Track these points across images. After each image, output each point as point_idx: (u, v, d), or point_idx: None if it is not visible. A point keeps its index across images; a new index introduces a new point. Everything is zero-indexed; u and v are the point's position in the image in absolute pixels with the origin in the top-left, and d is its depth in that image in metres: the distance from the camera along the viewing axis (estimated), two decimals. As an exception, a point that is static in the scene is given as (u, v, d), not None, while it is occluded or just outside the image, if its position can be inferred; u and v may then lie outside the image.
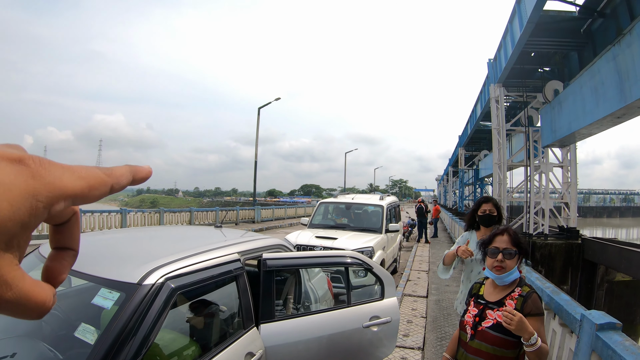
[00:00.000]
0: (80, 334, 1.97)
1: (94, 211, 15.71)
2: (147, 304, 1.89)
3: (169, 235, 3.48)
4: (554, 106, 13.22)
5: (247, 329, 2.48)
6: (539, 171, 15.75)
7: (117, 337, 1.75)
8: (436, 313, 6.51)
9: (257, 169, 27.44)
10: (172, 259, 2.19)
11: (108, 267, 2.20)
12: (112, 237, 3.25)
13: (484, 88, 20.40)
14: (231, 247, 2.65)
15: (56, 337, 2.42)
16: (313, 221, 9.46)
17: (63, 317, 2.58)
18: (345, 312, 2.96)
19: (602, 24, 11.10)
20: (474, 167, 34.99)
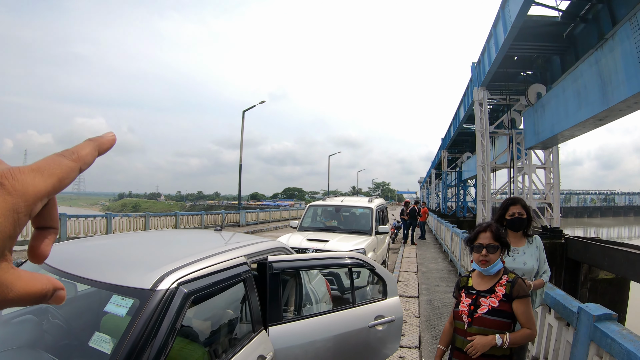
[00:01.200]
0: (95, 343, 1.90)
1: (78, 216, 15.36)
2: (162, 310, 1.86)
3: (171, 239, 3.44)
4: (536, 109, 13.52)
5: (256, 332, 2.46)
6: (522, 172, 16.08)
7: (134, 346, 1.72)
8: (429, 312, 6.57)
9: (241, 172, 27.28)
10: (183, 263, 2.16)
11: (118, 273, 2.15)
12: (113, 242, 3.19)
13: (467, 91, 20.73)
14: (237, 250, 2.63)
15: (62, 346, 2.35)
16: (303, 224, 9.39)
17: (68, 326, 2.52)
18: (351, 312, 2.97)
19: (584, 28, 11.41)
20: (457, 169, 35.46)
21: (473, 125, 21.80)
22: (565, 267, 12.94)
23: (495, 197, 17.70)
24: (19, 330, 2.52)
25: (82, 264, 2.34)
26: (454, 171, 36.14)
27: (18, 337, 2.46)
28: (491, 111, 19.01)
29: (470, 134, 25.88)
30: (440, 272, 10.44)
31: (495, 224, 2.52)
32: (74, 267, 2.26)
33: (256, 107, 27.10)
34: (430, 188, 51.86)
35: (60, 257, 2.46)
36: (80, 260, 2.42)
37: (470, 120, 22.37)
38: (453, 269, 10.79)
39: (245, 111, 27.05)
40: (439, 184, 44.36)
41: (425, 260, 12.31)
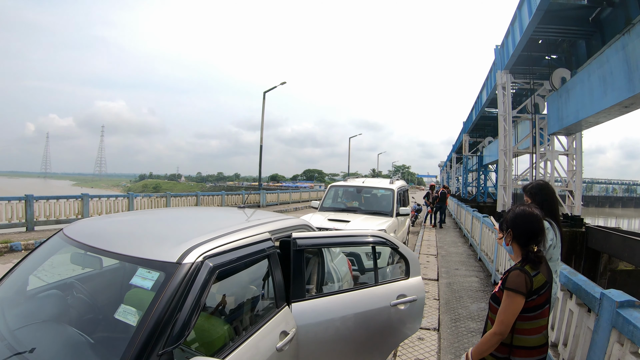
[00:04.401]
0: (121, 315, 1.91)
1: (101, 196, 15.55)
2: (188, 283, 1.87)
3: (196, 215, 3.45)
4: (561, 94, 13.21)
5: (280, 308, 2.47)
6: (544, 159, 15.80)
7: (160, 318, 1.72)
8: (448, 295, 6.65)
9: (262, 154, 27.34)
10: (209, 238, 2.17)
11: (144, 246, 2.16)
12: (137, 218, 3.19)
13: (490, 74, 20.30)
14: (261, 226, 2.64)
15: (86, 320, 2.38)
16: (324, 204, 9.46)
17: (92, 300, 2.57)
18: (373, 291, 2.98)
19: (611, 13, 11.03)
20: (478, 154, 34.92)
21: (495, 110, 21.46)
22: (585, 257, 12.76)
23: (517, 183, 17.48)
24: (44, 305, 2.56)
25: (108, 238, 2.37)
26: (475, 155, 35.61)
27: (43, 312, 2.50)
28: (514, 95, 18.62)
29: (493, 118, 25.44)
30: (460, 255, 10.49)
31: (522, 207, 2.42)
32: (100, 242, 2.30)
33: (277, 88, 27.02)
34: (451, 172, 51.26)
35: (85, 232, 2.53)
36: (106, 235, 2.46)
37: (493, 104, 21.97)
38: (473, 253, 10.83)
39: (266, 92, 26.96)
40: (459, 168, 43.80)
41: (445, 244, 12.35)
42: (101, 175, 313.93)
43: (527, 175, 16.88)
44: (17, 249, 9.90)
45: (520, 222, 2.33)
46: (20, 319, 2.37)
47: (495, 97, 17.59)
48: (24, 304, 2.56)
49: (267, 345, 2.23)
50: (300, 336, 2.50)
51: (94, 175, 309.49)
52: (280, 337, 2.32)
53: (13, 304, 2.53)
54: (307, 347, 2.54)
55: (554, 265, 3.13)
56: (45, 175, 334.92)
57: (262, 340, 2.21)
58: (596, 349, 2.69)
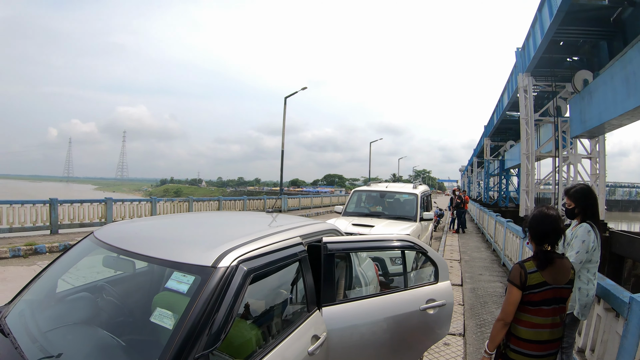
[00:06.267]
0: (157, 318, 1.91)
1: (124, 200, 15.64)
2: (224, 287, 1.87)
3: (226, 219, 3.44)
4: (583, 96, 13.01)
5: (311, 312, 2.46)
6: (567, 162, 15.55)
7: (196, 322, 1.72)
8: (473, 301, 6.57)
9: (283, 159, 27.27)
10: (242, 242, 2.16)
11: (179, 250, 2.16)
12: (168, 222, 3.20)
13: (511, 77, 20.10)
14: (292, 230, 2.64)
15: (118, 323, 2.40)
16: (347, 209, 9.39)
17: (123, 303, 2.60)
18: (403, 295, 2.96)
19: (632, 13, 10.85)
20: (500, 158, 34.45)
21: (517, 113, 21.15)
22: (608, 262, 12.44)
23: (539, 187, 17.22)
24: (75, 307, 2.57)
25: (141, 241, 2.40)
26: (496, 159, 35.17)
27: (74, 314, 2.51)
28: (536, 98, 18.35)
29: (514, 121, 25.08)
30: (484, 261, 10.34)
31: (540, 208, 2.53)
32: (133, 245, 2.32)
33: (297, 93, 26.97)
34: (472, 177, 50.68)
35: (117, 235, 2.56)
36: (139, 238, 2.48)
37: (515, 107, 21.70)
38: (496, 258, 10.66)
39: (287, 97, 26.91)
40: (480, 172, 43.25)
41: (468, 249, 12.21)
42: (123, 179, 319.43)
43: (550, 179, 16.63)
44: (42, 251, 9.99)
45: (535, 222, 2.44)
46: (51, 321, 2.40)
47: (517, 100, 17.40)
48: (55, 306, 2.59)
49: (299, 349, 2.22)
50: (330, 340, 2.48)
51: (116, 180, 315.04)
52: (311, 341, 2.32)
53: (44, 306, 2.57)
54: (338, 351, 2.53)
55: (593, 267, 3.13)
56: (67, 179, 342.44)
57: (293, 344, 2.20)
58: (625, 354, 2.66)
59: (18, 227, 11.87)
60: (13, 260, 9.21)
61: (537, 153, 16.61)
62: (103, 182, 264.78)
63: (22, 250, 9.65)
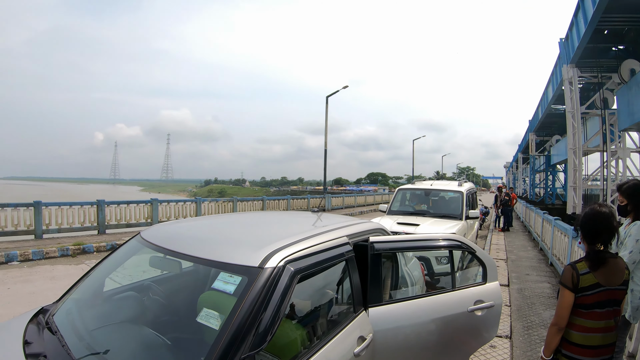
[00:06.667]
0: (203, 319, 1.95)
1: (169, 201, 16.14)
2: (270, 287, 1.87)
3: (271, 219, 3.46)
4: (631, 87, 12.34)
5: (357, 312, 2.44)
6: (615, 157, 14.78)
7: (243, 322, 1.73)
8: (520, 302, 6.44)
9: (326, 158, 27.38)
10: (289, 242, 2.17)
11: (225, 251, 2.18)
12: (214, 222, 3.24)
13: (555, 69, 19.31)
14: (338, 230, 2.63)
15: (164, 322, 2.43)
16: (392, 208, 9.44)
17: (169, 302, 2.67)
18: (450, 296, 2.90)
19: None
20: (545, 153, 33.13)
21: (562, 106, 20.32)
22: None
23: (587, 183, 16.46)
24: (121, 306, 2.66)
25: (187, 242, 2.45)
26: (542, 155, 33.86)
27: (120, 313, 2.61)
28: (581, 90, 17.50)
29: (560, 115, 24.07)
30: (531, 260, 10.06)
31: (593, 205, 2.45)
32: (179, 245, 2.37)
33: (339, 92, 27.08)
34: (517, 173, 48.95)
35: (164, 236, 2.62)
36: (185, 239, 2.53)
37: (560, 100, 20.82)
38: (543, 257, 10.34)
39: (328, 97, 27.05)
40: (526, 168, 41.76)
41: (515, 248, 11.89)
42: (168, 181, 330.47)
43: (598, 174, 15.85)
44: (90, 250, 10.51)
45: (587, 221, 2.37)
46: (98, 320, 2.48)
47: (562, 93, 16.65)
48: (102, 304, 2.68)
49: (345, 350, 2.21)
50: (376, 341, 2.46)
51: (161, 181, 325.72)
52: (357, 342, 2.30)
53: (91, 304, 2.65)
54: (384, 352, 2.50)
55: None
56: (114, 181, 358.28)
57: (339, 345, 2.19)
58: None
59: (66, 228, 12.52)
60: (61, 259, 9.68)
61: (584, 148, 15.86)
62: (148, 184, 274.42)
63: (70, 249, 10.14)
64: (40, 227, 11.94)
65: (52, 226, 12.28)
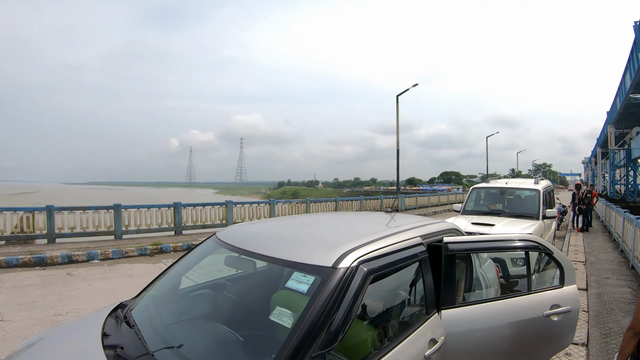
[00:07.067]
0: (276, 317, 1.97)
1: (244, 203, 16.46)
2: (343, 288, 1.88)
3: (344, 220, 3.47)
4: None
5: (429, 314, 2.40)
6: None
7: (315, 322, 1.75)
8: (598, 307, 6.12)
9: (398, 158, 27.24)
10: (362, 242, 2.17)
11: (299, 251, 2.21)
12: (288, 223, 3.28)
13: (632, 55, 17.86)
14: (412, 230, 2.61)
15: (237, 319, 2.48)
16: (466, 207, 9.33)
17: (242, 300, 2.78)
18: (526, 300, 2.81)
19: None
20: (626, 147, 30.51)
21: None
22: None
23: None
24: (196, 303, 2.77)
25: (261, 242, 2.52)
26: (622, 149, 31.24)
27: (195, 309, 2.71)
28: (661, 76, 16.06)
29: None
30: (611, 263, 9.46)
31: None
32: (254, 245, 2.44)
33: (409, 90, 26.98)
34: (596, 169, 45.51)
35: (238, 236, 2.72)
36: (259, 239, 2.61)
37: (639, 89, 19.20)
38: (624, 260, 9.69)
39: (398, 95, 27.04)
40: (605, 164, 38.71)
41: (594, 250, 11.23)
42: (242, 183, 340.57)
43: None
44: (167, 250, 11.11)
45: None
46: (173, 315, 2.60)
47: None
48: (178, 301, 2.80)
49: (415, 353, 2.17)
50: (448, 345, 2.41)
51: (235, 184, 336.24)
52: (429, 345, 2.26)
53: (167, 301, 2.77)
54: (455, 356, 2.45)
55: None
56: (189, 184, 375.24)
57: (410, 347, 2.17)
58: None
59: (145, 229, 13.36)
60: (140, 258, 10.39)
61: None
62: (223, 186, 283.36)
63: (148, 249, 10.86)
64: (120, 228, 12.80)
65: (131, 227, 13.13)
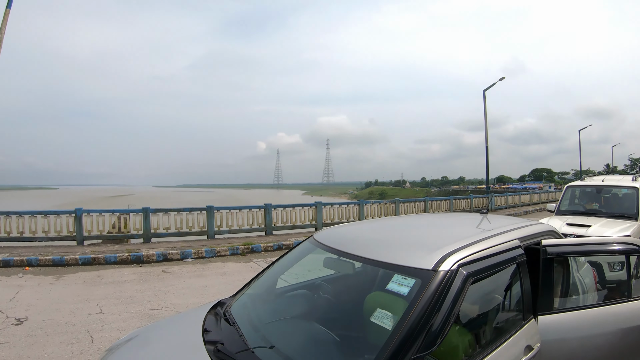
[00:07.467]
0: (377, 319, 1.98)
1: (332, 204, 16.66)
2: (443, 291, 1.85)
3: (439, 221, 3.48)
4: None
5: (526, 320, 2.33)
6: None
7: (415, 325, 1.75)
8: None
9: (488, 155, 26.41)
10: (461, 245, 2.14)
11: (398, 253, 2.21)
12: (383, 225, 3.32)
13: None
14: (509, 233, 2.52)
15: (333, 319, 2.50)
16: (560, 207, 8.81)
17: (338, 301, 2.76)
18: (626, 307, 2.61)
19: None
20: None
21: None
22: None
23: None
24: (293, 303, 2.83)
25: (360, 244, 2.54)
26: None
27: (292, 309, 2.76)
28: None
29: None
30: None
31: None
32: (353, 248, 2.47)
33: (495, 84, 26.11)
34: None
35: (336, 238, 2.74)
36: (357, 241, 2.63)
37: None
38: None
39: (485, 90, 26.24)
40: None
41: None
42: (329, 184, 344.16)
43: None
44: (257, 250, 11.35)
45: None
46: (271, 314, 2.67)
47: None
48: (275, 300, 2.87)
49: (511, 359, 2.12)
50: (543, 352, 2.29)
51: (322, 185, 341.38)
52: (524, 352, 2.18)
53: (265, 300, 2.85)
54: None
55: None
56: (277, 186, 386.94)
57: (505, 353, 2.10)
58: None
59: (236, 229, 13.80)
60: (231, 257, 10.69)
61: None
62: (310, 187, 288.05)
63: (240, 249, 11.16)
64: (212, 229, 13.31)
65: (223, 228, 13.61)
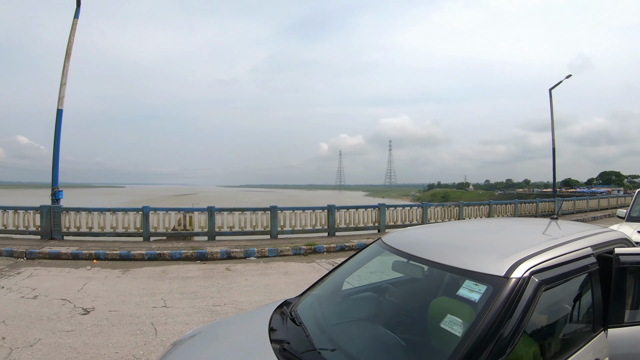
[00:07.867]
0: (447, 325, 1.96)
1: (396, 206, 16.64)
2: (515, 299, 1.81)
3: (509, 226, 3.43)
4: None
5: (595, 332, 2.24)
6: None
7: (485, 332, 1.71)
8: None
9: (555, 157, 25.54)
10: (533, 252, 2.07)
11: (469, 258, 2.17)
12: (452, 229, 3.27)
13: None
14: (581, 240, 2.41)
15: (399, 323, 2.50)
16: (631, 213, 8.37)
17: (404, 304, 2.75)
18: None
19: None
20: None
21: None
22: None
23: None
24: (359, 305, 2.83)
25: (429, 248, 2.51)
26: None
27: (358, 311, 2.76)
28: None
29: None
30: None
31: None
32: (422, 251, 2.45)
33: (562, 83, 25.17)
34: None
35: (405, 242, 2.74)
36: (427, 245, 2.61)
37: None
38: None
39: (551, 89, 25.46)
40: None
41: None
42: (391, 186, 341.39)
43: None
44: (320, 250, 11.40)
45: None
46: (337, 316, 2.66)
47: None
48: (341, 302, 2.88)
49: None
50: None
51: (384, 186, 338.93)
52: None
53: (331, 301, 2.87)
54: None
55: None
56: (339, 187, 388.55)
57: None
58: None
59: (299, 230, 13.99)
60: (294, 257, 10.80)
61: None
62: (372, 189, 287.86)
63: (302, 249, 11.28)
64: (276, 229, 13.56)
65: (286, 228, 13.87)
